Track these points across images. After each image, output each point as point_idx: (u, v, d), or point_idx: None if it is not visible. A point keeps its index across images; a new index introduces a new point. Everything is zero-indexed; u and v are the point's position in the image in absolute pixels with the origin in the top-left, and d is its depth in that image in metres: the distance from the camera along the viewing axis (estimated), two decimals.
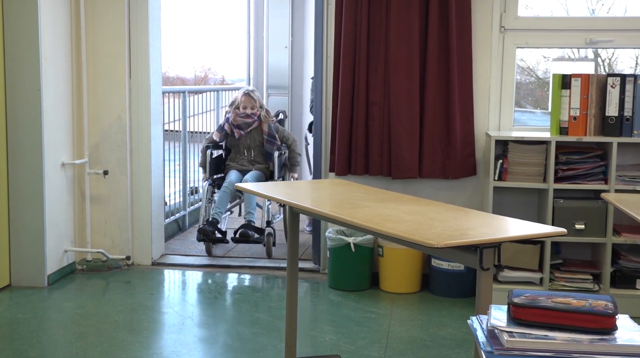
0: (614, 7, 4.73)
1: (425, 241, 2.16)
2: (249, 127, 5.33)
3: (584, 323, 1.42)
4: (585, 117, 3.99)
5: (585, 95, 3.98)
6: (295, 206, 2.98)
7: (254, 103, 5.33)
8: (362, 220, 2.49)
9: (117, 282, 4.58)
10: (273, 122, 5.43)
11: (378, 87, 4.32)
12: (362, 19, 4.27)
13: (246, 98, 5.34)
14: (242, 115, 5.32)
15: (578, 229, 3.95)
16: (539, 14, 4.61)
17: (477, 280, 2.30)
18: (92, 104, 4.75)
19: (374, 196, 3.08)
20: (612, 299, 1.49)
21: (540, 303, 1.46)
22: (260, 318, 3.98)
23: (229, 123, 5.34)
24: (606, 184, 3.95)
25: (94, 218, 4.83)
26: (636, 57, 4.91)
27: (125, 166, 4.82)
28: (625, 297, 3.87)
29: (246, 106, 5.32)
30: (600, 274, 4.06)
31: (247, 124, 5.32)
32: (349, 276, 4.42)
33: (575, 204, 4.00)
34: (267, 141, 5.36)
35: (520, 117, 4.99)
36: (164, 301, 4.32)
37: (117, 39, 4.72)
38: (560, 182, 3.99)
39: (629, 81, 3.94)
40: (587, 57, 5.04)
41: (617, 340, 1.39)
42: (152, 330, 3.79)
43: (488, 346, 1.41)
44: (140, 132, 4.84)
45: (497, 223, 2.62)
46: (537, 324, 1.44)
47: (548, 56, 5.07)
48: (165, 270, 4.87)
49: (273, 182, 5.03)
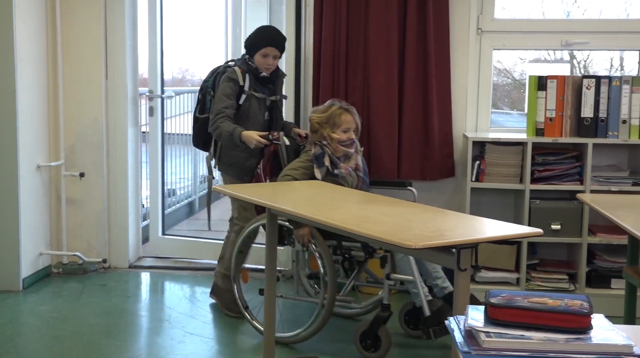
0: (590, 10, 4.78)
1: (403, 242, 2.17)
2: (350, 161, 3.70)
3: (559, 322, 1.43)
4: (561, 118, 4.03)
5: (561, 96, 4.02)
6: (273, 208, 2.97)
7: (356, 124, 3.72)
8: (340, 222, 2.49)
9: (94, 285, 4.54)
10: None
11: (357, 89, 4.32)
12: (342, 21, 4.28)
13: (349, 116, 3.68)
14: (347, 143, 3.66)
15: (554, 229, 3.99)
16: (515, 16, 4.64)
17: (454, 281, 2.31)
18: (68, 106, 4.71)
19: (352, 197, 3.09)
20: (587, 299, 1.50)
21: (517, 303, 1.47)
22: (239, 319, 3.96)
23: (327, 155, 3.63)
24: (582, 184, 3.99)
25: (69, 221, 4.78)
26: (611, 59, 4.97)
27: (101, 168, 4.78)
28: (601, 296, 3.91)
29: (349, 128, 3.67)
30: (576, 274, 4.09)
31: (348, 156, 3.69)
32: None
33: (551, 205, 4.03)
34: (363, 182, 3.75)
35: (497, 118, 5.03)
36: (141, 304, 4.29)
37: (93, 41, 4.68)
38: (536, 183, 4.02)
39: (604, 82, 3.98)
40: (562, 59, 5.10)
41: (592, 339, 1.41)
42: (129, 333, 3.76)
43: (465, 346, 1.42)
44: (117, 134, 4.80)
45: (474, 223, 2.63)
46: (513, 324, 1.44)
47: (524, 58, 5.12)
48: (142, 273, 4.83)
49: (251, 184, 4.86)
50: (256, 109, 3.89)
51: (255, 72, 3.86)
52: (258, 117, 3.90)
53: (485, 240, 2.45)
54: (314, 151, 3.62)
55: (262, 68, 3.87)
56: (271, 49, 3.86)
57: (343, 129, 3.63)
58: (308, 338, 3.51)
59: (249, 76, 3.84)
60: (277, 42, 3.90)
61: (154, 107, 5.05)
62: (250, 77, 3.85)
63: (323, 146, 3.62)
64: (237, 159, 3.89)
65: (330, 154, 3.60)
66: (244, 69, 3.85)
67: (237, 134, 3.69)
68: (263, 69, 3.87)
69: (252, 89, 3.86)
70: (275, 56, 3.89)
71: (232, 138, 3.71)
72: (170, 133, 6.78)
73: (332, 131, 3.61)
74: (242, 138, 3.68)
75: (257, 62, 3.86)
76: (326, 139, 3.62)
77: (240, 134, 3.68)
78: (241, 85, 3.81)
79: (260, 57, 3.86)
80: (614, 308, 3.34)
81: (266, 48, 3.85)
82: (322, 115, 3.66)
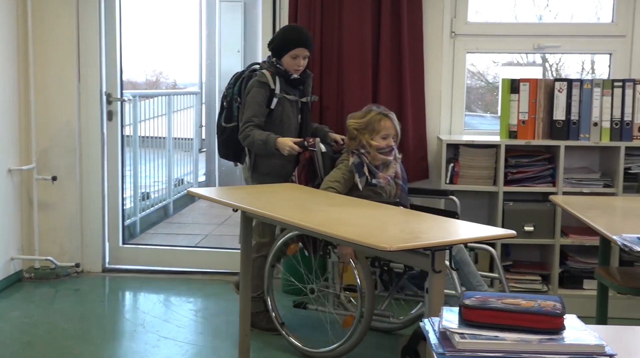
0: (561, 14, 4.83)
1: (378, 244, 2.17)
2: (389, 170, 3.54)
3: (533, 323, 1.44)
4: (534, 121, 4.07)
5: (533, 99, 4.06)
6: (248, 211, 2.96)
7: (396, 131, 3.54)
8: (315, 224, 2.49)
9: (66, 290, 4.49)
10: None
11: (331, 91, 4.33)
12: (316, 24, 4.28)
13: (389, 122, 3.50)
14: (386, 150, 3.49)
15: (527, 231, 4.02)
16: (488, 19, 4.68)
17: (429, 282, 2.32)
18: (39, 109, 4.65)
19: (328, 200, 3.09)
20: (560, 299, 1.51)
21: (491, 305, 1.48)
22: (213, 323, 3.94)
23: (366, 165, 3.47)
24: (554, 186, 4.03)
25: (42, 225, 4.72)
26: (582, 63, 5.02)
27: (74, 172, 4.73)
28: (573, 297, 3.95)
29: (389, 134, 3.49)
30: (549, 275, 4.13)
31: (385, 164, 3.53)
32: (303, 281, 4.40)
33: (524, 207, 4.07)
34: (403, 190, 3.62)
35: (471, 121, 5.07)
36: (115, 308, 4.25)
37: (66, 43, 4.63)
38: (509, 185, 4.06)
39: (576, 85, 4.03)
40: (535, 63, 5.14)
41: (565, 340, 1.42)
42: (103, 338, 3.72)
43: (440, 348, 1.43)
44: (90, 138, 4.75)
45: (449, 226, 2.65)
46: (487, 325, 1.45)
47: (497, 61, 5.16)
48: (116, 277, 4.79)
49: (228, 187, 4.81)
50: (289, 113, 3.74)
51: (284, 74, 3.70)
52: (292, 121, 3.74)
53: (460, 241, 2.47)
54: (352, 160, 3.46)
55: (292, 70, 3.70)
56: (301, 50, 3.70)
57: (382, 135, 3.46)
58: (345, 353, 3.36)
59: (278, 79, 3.69)
60: (307, 42, 3.73)
61: (113, 112, 4.83)
62: (280, 80, 3.69)
63: (361, 154, 3.46)
64: (275, 168, 3.70)
65: (368, 163, 3.44)
66: (272, 71, 3.68)
67: (271, 141, 3.54)
68: (293, 70, 3.70)
69: (284, 91, 3.70)
70: (305, 57, 3.72)
71: (267, 146, 3.55)
72: (145, 136, 6.74)
73: (371, 137, 3.45)
74: (277, 145, 3.52)
75: (287, 64, 3.70)
76: (365, 146, 3.46)
77: (275, 141, 3.54)
78: (272, 88, 3.66)
79: (290, 59, 3.69)
80: (586, 309, 3.38)
81: (296, 49, 3.67)
82: (361, 121, 3.49)
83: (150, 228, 6.53)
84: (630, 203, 3.51)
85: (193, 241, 6.05)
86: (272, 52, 3.76)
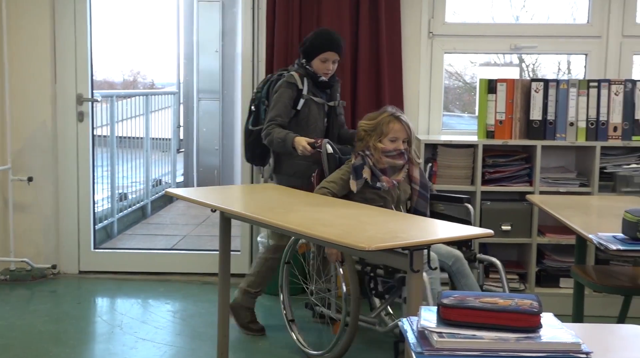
0: (538, 14, 4.87)
1: (357, 244, 2.18)
2: (400, 173, 3.42)
3: (510, 322, 1.45)
4: (511, 121, 4.10)
5: (510, 99, 4.09)
6: (227, 211, 2.95)
7: (407, 134, 3.37)
8: (294, 224, 2.49)
9: (43, 292, 4.44)
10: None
11: None
12: (294, 23, 4.28)
13: (398, 125, 3.35)
14: (393, 153, 3.36)
15: (504, 230, 4.05)
16: (466, 20, 4.71)
17: (407, 282, 2.32)
18: (15, 110, 4.60)
19: (307, 200, 3.09)
20: (537, 298, 1.53)
21: (469, 304, 1.49)
22: (191, 325, 3.92)
23: (368, 166, 3.36)
24: (531, 186, 4.06)
25: (17, 226, 4.67)
26: (558, 63, 5.07)
27: (50, 173, 4.68)
28: (550, 296, 3.98)
29: (398, 137, 3.35)
30: (526, 273, 4.16)
31: (395, 168, 3.41)
32: None
33: (501, 206, 4.09)
34: (420, 195, 3.44)
35: (449, 121, 5.09)
36: (91, 310, 4.21)
37: (42, 44, 4.58)
38: (487, 184, 4.08)
39: (552, 85, 4.06)
40: (512, 63, 5.18)
41: (542, 338, 1.43)
42: (80, 340, 3.69)
43: (418, 347, 1.43)
44: (66, 138, 4.70)
45: (427, 225, 2.66)
46: (465, 324, 1.46)
47: (475, 61, 5.19)
48: (93, 278, 4.75)
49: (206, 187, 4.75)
50: (316, 115, 3.72)
51: (313, 76, 3.69)
52: (318, 123, 3.71)
53: (438, 241, 2.48)
54: (354, 161, 3.37)
55: (321, 73, 3.68)
56: (331, 54, 3.68)
57: (390, 138, 3.32)
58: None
59: (307, 80, 3.68)
60: (337, 46, 3.71)
61: (85, 112, 4.73)
62: (309, 81, 3.69)
63: (365, 156, 3.35)
64: (299, 168, 3.68)
65: (371, 165, 3.33)
66: (301, 73, 3.69)
67: (289, 139, 3.53)
68: (322, 73, 3.69)
69: (311, 93, 3.69)
70: (335, 61, 3.71)
71: (285, 144, 3.54)
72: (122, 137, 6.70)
73: (379, 139, 3.32)
74: (294, 144, 3.51)
75: (316, 67, 3.68)
76: (370, 148, 3.35)
77: (292, 139, 3.53)
78: (300, 89, 3.66)
79: (320, 62, 3.67)
80: (563, 307, 3.41)
81: (326, 53, 3.66)
82: (371, 122, 3.37)
83: (128, 229, 6.48)
84: (605, 202, 3.55)
85: (171, 242, 6.01)
86: (302, 55, 3.76)
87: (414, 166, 3.43)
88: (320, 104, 3.75)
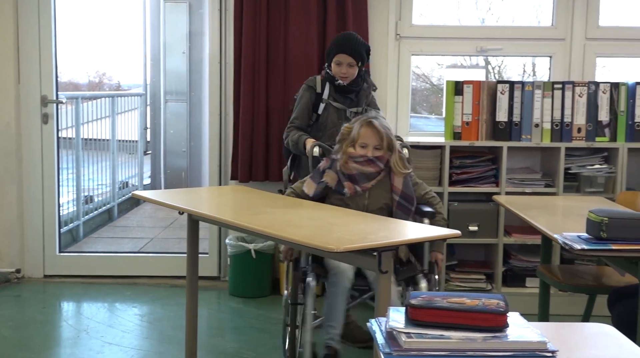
0: (503, 17, 4.93)
1: (325, 245, 2.18)
2: (370, 181, 3.22)
3: (477, 321, 1.46)
4: (477, 122, 4.14)
5: (476, 101, 4.13)
6: (194, 214, 2.94)
7: (380, 140, 3.20)
8: (262, 226, 2.48)
9: (6, 296, 4.37)
10: (411, 176, 3.27)
11: (277, 93, 4.32)
12: (262, 25, 4.27)
13: (369, 130, 3.20)
14: (359, 160, 3.20)
15: (472, 230, 4.08)
16: (432, 22, 4.74)
17: (376, 283, 2.33)
18: None
19: (275, 202, 3.08)
20: (503, 298, 1.54)
21: (436, 304, 1.49)
22: (160, 328, 3.89)
23: (334, 171, 3.22)
24: (497, 187, 4.10)
25: None
26: (524, 65, 5.13)
27: (14, 175, 4.60)
28: (516, 295, 4.02)
29: (367, 144, 3.19)
30: (493, 273, 4.20)
31: (367, 175, 3.20)
32: (249, 283, 4.39)
33: (468, 207, 4.13)
34: (398, 205, 3.20)
35: (416, 122, 5.12)
36: (57, 314, 4.15)
37: (4, 43, 4.50)
38: (454, 185, 4.11)
39: (517, 87, 4.11)
40: (478, 65, 5.23)
41: (508, 337, 1.45)
42: (45, 345, 3.64)
43: (387, 347, 1.44)
44: (31, 140, 4.63)
45: (395, 226, 2.67)
46: (433, 324, 1.47)
47: (442, 63, 5.23)
48: (58, 282, 4.68)
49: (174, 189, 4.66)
50: (334, 120, 3.62)
51: (332, 80, 3.63)
52: (337, 128, 3.47)
53: (406, 242, 2.49)
54: (322, 164, 3.26)
55: (338, 76, 3.60)
56: (343, 57, 3.57)
57: (360, 143, 3.17)
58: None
59: (328, 85, 3.64)
60: (348, 48, 3.58)
61: (49, 114, 4.64)
62: (330, 86, 3.64)
63: (334, 160, 3.22)
64: None
65: (338, 170, 3.19)
66: (324, 76, 3.67)
67: (301, 141, 3.53)
68: (339, 77, 3.62)
69: (332, 98, 3.63)
70: (349, 64, 3.57)
71: (297, 145, 3.54)
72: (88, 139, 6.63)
73: (352, 144, 3.17)
74: (305, 146, 3.49)
75: (333, 70, 3.61)
76: (339, 153, 3.22)
77: (304, 141, 3.51)
78: (318, 93, 3.63)
79: (335, 65, 3.59)
80: (529, 306, 3.45)
81: (338, 55, 3.58)
82: (350, 126, 3.26)
83: (94, 232, 6.41)
84: (570, 202, 3.60)
85: (138, 245, 5.96)
86: (325, 58, 3.74)
87: (395, 175, 3.20)
88: (341, 110, 3.65)
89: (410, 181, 3.23)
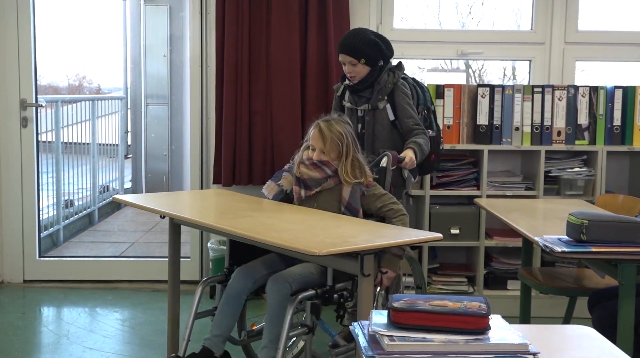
0: (483, 21, 4.96)
1: (307, 249, 2.18)
2: (317, 187, 3.02)
3: (459, 324, 1.47)
4: (459, 126, 4.16)
5: (457, 105, 4.15)
6: (176, 218, 2.92)
7: (322, 144, 3.00)
8: (244, 230, 2.48)
9: None
10: (365, 185, 2.98)
11: (260, 97, 4.32)
12: (244, 29, 4.26)
13: (316, 133, 3.03)
14: (306, 163, 3.02)
15: (453, 234, 4.10)
16: (413, 26, 4.76)
17: (358, 286, 2.33)
18: None
19: (257, 205, 3.07)
20: (485, 300, 1.55)
21: (419, 307, 1.50)
22: (140, 333, 3.87)
23: (292, 173, 3.09)
24: (478, 190, 4.12)
25: None
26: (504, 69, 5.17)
27: None
28: (498, 298, 4.05)
29: (315, 146, 3.02)
30: (474, 276, 4.22)
31: (317, 181, 3.01)
32: None
33: (450, 210, 4.15)
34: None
35: None
36: (37, 320, 4.11)
37: None
38: (436, 189, 4.13)
39: (498, 91, 4.14)
40: (459, 69, 5.26)
41: (490, 340, 1.45)
42: (25, 351, 3.60)
43: (369, 351, 1.44)
44: (9, 144, 4.59)
45: (377, 230, 2.67)
46: (416, 327, 1.48)
47: (423, 67, 5.25)
48: (38, 288, 4.63)
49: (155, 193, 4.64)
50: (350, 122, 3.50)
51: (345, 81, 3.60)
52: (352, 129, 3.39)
53: (388, 245, 2.49)
54: (287, 165, 3.16)
55: (347, 76, 3.56)
56: (342, 56, 3.48)
57: (311, 146, 3.02)
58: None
59: (343, 86, 3.62)
60: (345, 47, 3.46)
61: (29, 118, 4.59)
62: (346, 87, 3.61)
63: (293, 163, 3.10)
64: None
65: (294, 173, 3.04)
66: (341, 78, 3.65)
67: None
68: (347, 77, 3.56)
69: (349, 100, 3.59)
70: (351, 63, 3.46)
71: None
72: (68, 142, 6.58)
73: (307, 146, 3.04)
74: None
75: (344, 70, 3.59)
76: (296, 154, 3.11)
77: None
78: (338, 95, 3.64)
79: (342, 65, 3.59)
80: (510, 309, 3.47)
81: (339, 55, 3.51)
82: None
83: (74, 237, 6.36)
84: (550, 205, 3.63)
85: (119, 249, 5.92)
86: None
87: (343, 185, 2.97)
88: (353, 110, 3.60)
89: (358, 192, 2.95)
